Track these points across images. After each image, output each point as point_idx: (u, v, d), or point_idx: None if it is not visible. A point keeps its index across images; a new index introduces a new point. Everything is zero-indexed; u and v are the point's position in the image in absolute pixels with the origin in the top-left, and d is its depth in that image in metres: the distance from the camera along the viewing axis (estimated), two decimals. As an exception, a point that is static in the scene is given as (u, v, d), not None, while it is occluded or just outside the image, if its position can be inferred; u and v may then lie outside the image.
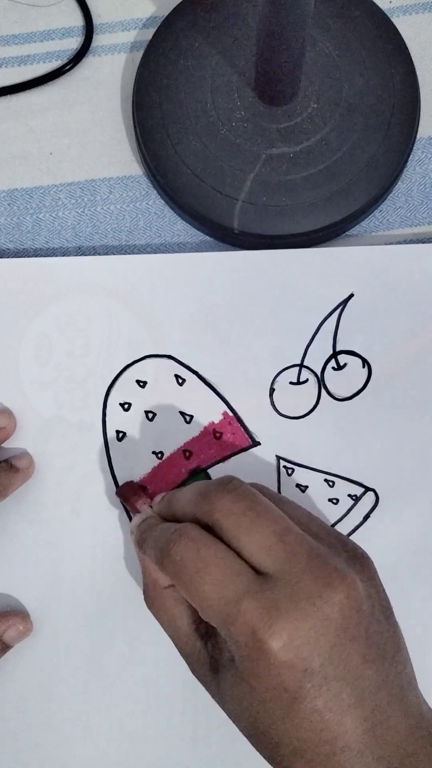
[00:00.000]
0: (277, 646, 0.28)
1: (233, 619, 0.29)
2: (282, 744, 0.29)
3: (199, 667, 0.32)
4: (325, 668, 0.29)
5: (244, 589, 0.29)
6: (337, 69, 0.42)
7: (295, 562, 0.30)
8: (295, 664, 0.28)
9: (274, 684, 0.29)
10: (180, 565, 0.30)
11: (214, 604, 0.29)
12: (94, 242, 0.43)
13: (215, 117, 0.42)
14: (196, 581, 0.30)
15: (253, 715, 0.29)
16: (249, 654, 0.29)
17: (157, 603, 0.34)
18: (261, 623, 0.28)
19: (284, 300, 0.40)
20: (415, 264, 0.41)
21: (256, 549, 0.30)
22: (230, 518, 0.31)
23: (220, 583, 0.29)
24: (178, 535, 0.31)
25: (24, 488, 0.39)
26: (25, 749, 0.38)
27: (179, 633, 0.33)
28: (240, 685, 0.29)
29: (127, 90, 0.45)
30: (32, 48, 0.46)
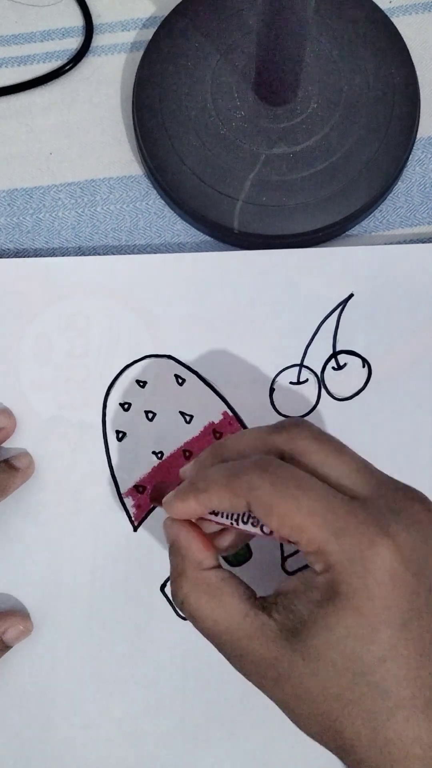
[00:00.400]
0: (390, 553, 0.26)
1: (345, 529, 0.27)
2: (388, 690, 0.26)
3: (269, 645, 0.28)
4: (428, 585, 0.27)
5: (348, 505, 0.27)
6: (337, 69, 0.42)
7: (384, 485, 0.29)
8: (407, 577, 0.26)
9: (387, 602, 0.26)
10: (277, 486, 0.28)
11: (322, 518, 0.27)
12: (94, 242, 0.43)
13: (215, 117, 0.42)
14: (300, 498, 0.27)
15: (358, 656, 0.26)
16: (364, 566, 0.26)
17: (200, 587, 0.29)
18: (376, 530, 0.27)
19: (284, 300, 0.40)
20: (415, 264, 0.41)
21: (347, 472, 0.29)
22: (316, 444, 0.29)
23: (324, 498, 0.27)
24: (262, 461, 0.29)
25: (24, 488, 0.39)
26: (25, 749, 0.38)
27: (234, 614, 0.29)
28: (342, 623, 0.26)
29: (127, 90, 0.45)
30: (32, 48, 0.46)
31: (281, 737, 0.37)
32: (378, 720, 0.27)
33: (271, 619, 0.28)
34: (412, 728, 0.26)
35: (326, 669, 0.27)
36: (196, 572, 0.30)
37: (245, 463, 0.29)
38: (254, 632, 0.28)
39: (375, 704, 0.26)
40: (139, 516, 0.39)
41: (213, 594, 0.29)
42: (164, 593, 0.38)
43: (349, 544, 0.27)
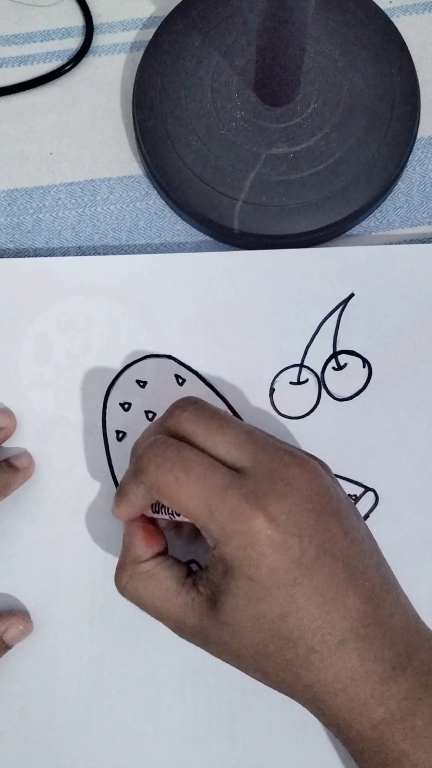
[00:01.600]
0: (264, 523, 0.29)
1: (219, 506, 0.29)
2: (296, 640, 0.29)
3: (198, 617, 0.31)
4: (314, 544, 0.29)
5: (225, 480, 0.30)
6: (337, 69, 0.42)
7: (265, 453, 0.31)
8: (286, 540, 0.29)
9: (271, 566, 0.29)
10: (160, 468, 0.31)
11: (198, 498, 0.30)
12: (94, 242, 0.43)
13: (215, 117, 0.42)
14: (180, 478, 0.30)
15: (262, 616, 0.29)
16: (240, 542, 0.29)
17: (137, 575, 0.33)
18: (246, 504, 0.29)
19: (284, 300, 0.40)
20: (415, 264, 0.41)
21: (228, 446, 0.31)
22: (199, 423, 0.32)
23: (202, 478, 0.30)
24: (153, 443, 0.31)
25: (24, 488, 0.39)
26: (25, 749, 0.38)
27: (168, 594, 0.32)
28: (241, 590, 0.29)
29: (127, 90, 0.45)
30: (32, 48, 0.46)
31: (281, 737, 0.37)
32: (296, 667, 0.30)
33: (198, 593, 0.31)
34: (328, 668, 0.29)
35: (240, 630, 0.30)
36: (134, 564, 0.33)
37: (140, 450, 0.32)
38: (185, 607, 0.32)
39: (289, 654, 0.30)
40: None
41: (148, 580, 0.33)
42: (164, 593, 0.38)
43: (225, 521, 0.29)
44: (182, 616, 0.32)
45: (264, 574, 0.29)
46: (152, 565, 0.33)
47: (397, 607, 0.31)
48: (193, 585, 0.32)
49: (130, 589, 0.33)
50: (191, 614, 0.31)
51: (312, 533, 0.29)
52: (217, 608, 0.30)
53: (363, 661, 0.29)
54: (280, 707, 0.37)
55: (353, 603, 0.29)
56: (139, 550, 0.34)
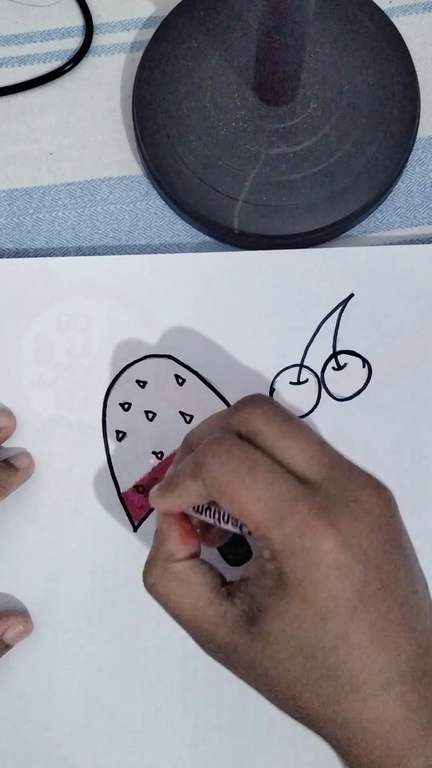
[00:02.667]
0: (334, 544, 0.26)
1: (287, 517, 0.27)
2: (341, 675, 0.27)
3: (229, 631, 0.29)
4: (378, 576, 0.27)
5: (297, 491, 0.27)
6: (337, 69, 0.42)
7: (338, 469, 0.29)
8: (353, 568, 0.27)
9: (333, 591, 0.26)
10: (224, 467, 0.28)
11: (264, 504, 0.27)
12: (94, 242, 0.43)
13: (215, 117, 0.42)
14: (245, 482, 0.27)
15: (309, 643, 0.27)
16: (305, 559, 0.27)
17: (167, 575, 0.30)
18: (317, 521, 0.27)
19: (284, 300, 0.40)
20: (415, 264, 0.41)
21: (301, 455, 0.29)
22: (273, 423, 0.29)
23: (270, 483, 0.27)
24: (218, 439, 0.29)
25: (24, 488, 0.39)
26: (25, 749, 0.38)
27: (198, 602, 0.30)
28: (292, 611, 0.27)
29: (127, 90, 0.45)
30: (32, 48, 0.46)
31: (281, 737, 0.37)
32: (335, 702, 0.27)
33: (233, 605, 0.29)
34: (370, 710, 0.27)
35: (281, 654, 0.27)
36: (167, 562, 0.31)
37: (201, 445, 0.29)
38: (217, 620, 0.29)
39: (330, 688, 0.27)
40: (139, 516, 0.39)
41: (180, 582, 0.30)
42: (164, 593, 0.38)
43: (292, 534, 0.27)
44: (211, 628, 0.29)
45: (323, 597, 0.26)
46: (186, 567, 0.31)
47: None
48: (228, 596, 0.29)
49: (159, 588, 0.31)
50: (222, 628, 0.29)
51: (378, 564, 0.27)
52: (258, 626, 0.28)
53: (407, 707, 0.27)
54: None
55: (405, 646, 0.27)
56: (174, 547, 0.31)
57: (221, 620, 0.29)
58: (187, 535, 0.31)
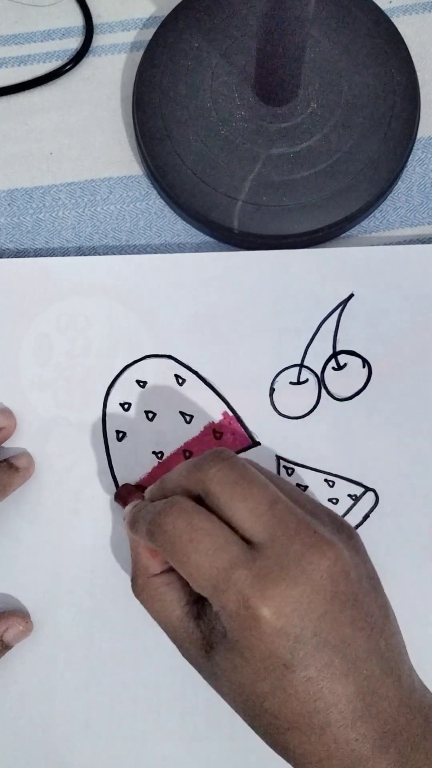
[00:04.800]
0: (268, 613, 0.28)
1: (225, 587, 0.29)
2: (279, 717, 0.29)
3: (192, 649, 0.32)
4: (317, 635, 0.29)
5: (235, 558, 0.29)
6: (337, 69, 0.42)
7: (283, 530, 0.30)
8: (287, 631, 0.28)
9: (266, 653, 0.29)
10: (171, 535, 0.30)
11: (205, 573, 0.29)
12: (94, 242, 0.43)
13: (215, 117, 0.42)
14: (189, 550, 0.30)
15: (248, 689, 0.30)
16: (241, 623, 0.29)
17: (147, 590, 0.34)
18: (252, 591, 0.28)
19: (284, 300, 0.40)
20: (415, 264, 0.41)
21: (247, 516, 0.30)
22: (223, 486, 0.31)
23: (212, 552, 0.29)
24: (170, 506, 0.31)
25: (24, 488, 0.39)
26: (25, 749, 0.38)
27: (171, 617, 0.33)
28: (233, 659, 0.30)
29: (127, 90, 0.45)
30: (32, 48, 0.46)
31: (281, 737, 0.37)
32: (274, 735, 0.30)
33: (197, 628, 0.32)
34: (305, 744, 0.29)
35: (226, 688, 0.31)
36: (145, 578, 0.34)
37: (157, 507, 0.32)
38: (186, 636, 0.32)
39: (270, 724, 0.30)
40: (139, 516, 0.39)
41: (157, 598, 0.33)
42: (164, 593, 0.38)
43: (229, 601, 0.29)
44: (182, 642, 0.33)
45: (257, 657, 0.29)
46: (161, 583, 0.34)
47: (395, 690, 0.30)
48: (196, 617, 0.32)
49: (142, 601, 0.34)
50: (189, 644, 0.32)
51: (316, 624, 0.29)
52: (212, 657, 0.31)
53: (345, 742, 0.29)
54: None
55: (344, 692, 0.29)
56: (147, 562, 0.34)
57: (189, 636, 0.32)
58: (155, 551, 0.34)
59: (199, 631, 0.32)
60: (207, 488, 0.31)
